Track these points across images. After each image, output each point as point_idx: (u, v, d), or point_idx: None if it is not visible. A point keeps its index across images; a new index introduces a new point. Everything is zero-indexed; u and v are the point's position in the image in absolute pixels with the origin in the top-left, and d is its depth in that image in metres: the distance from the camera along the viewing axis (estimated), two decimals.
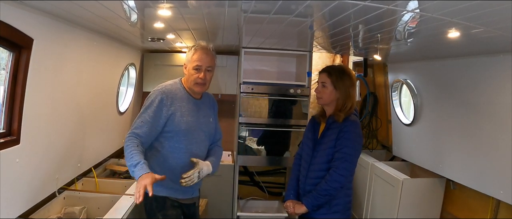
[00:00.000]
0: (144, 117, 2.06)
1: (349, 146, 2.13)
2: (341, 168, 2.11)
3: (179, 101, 2.13)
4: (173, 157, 2.13)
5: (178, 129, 2.11)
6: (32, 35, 1.93)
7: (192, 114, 2.17)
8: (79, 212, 2.54)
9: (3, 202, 1.86)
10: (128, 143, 1.98)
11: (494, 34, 1.80)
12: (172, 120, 2.10)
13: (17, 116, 1.94)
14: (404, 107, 3.92)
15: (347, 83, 2.23)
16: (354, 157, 2.16)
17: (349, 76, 2.25)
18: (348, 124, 2.16)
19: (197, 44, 2.17)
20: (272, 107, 3.59)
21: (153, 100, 2.08)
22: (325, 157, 2.19)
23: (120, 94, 3.62)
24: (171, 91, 2.13)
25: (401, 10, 1.60)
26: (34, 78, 2.00)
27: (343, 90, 2.22)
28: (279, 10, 1.85)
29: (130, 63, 3.79)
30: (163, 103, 2.08)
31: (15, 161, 1.94)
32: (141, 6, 2.00)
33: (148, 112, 2.06)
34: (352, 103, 2.23)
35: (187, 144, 2.14)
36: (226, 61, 4.35)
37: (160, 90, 2.12)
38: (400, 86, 3.89)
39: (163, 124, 2.09)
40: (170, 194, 2.16)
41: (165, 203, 2.15)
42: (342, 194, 2.20)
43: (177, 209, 2.20)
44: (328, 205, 2.19)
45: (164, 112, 2.08)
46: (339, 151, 2.14)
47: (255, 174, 4.35)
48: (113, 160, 3.66)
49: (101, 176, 3.23)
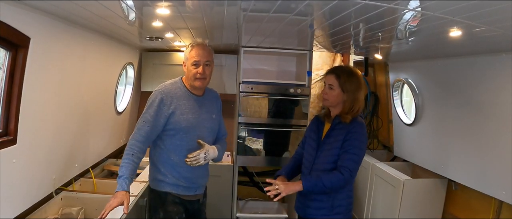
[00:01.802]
0: (146, 116, 2.15)
1: (357, 147, 2.12)
2: (352, 168, 2.10)
3: (179, 99, 2.19)
4: (175, 154, 2.20)
5: (179, 127, 2.17)
6: (29, 34, 1.92)
7: (193, 111, 2.22)
8: (76, 212, 2.53)
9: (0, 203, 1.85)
10: (126, 150, 2.12)
11: (496, 33, 1.79)
12: (172, 118, 2.16)
13: (14, 115, 1.92)
14: (405, 107, 3.91)
15: (354, 86, 2.17)
16: (361, 158, 2.15)
17: (357, 79, 2.19)
18: (355, 125, 2.14)
19: (194, 41, 2.24)
20: (271, 107, 3.57)
21: (153, 100, 2.16)
22: (330, 157, 2.16)
23: (118, 93, 3.60)
24: (171, 90, 2.20)
25: (402, 8, 1.58)
26: (31, 78, 1.98)
27: (351, 93, 2.17)
28: (279, 9, 1.84)
29: (128, 62, 3.77)
30: (163, 103, 2.15)
31: (12, 162, 1.92)
32: (139, 5, 1.99)
33: (149, 112, 2.15)
34: (360, 106, 2.19)
35: (188, 141, 2.20)
36: (225, 60, 4.33)
37: (160, 90, 2.19)
38: (401, 85, 3.87)
39: (164, 122, 2.16)
40: (172, 189, 2.22)
41: (167, 199, 2.20)
42: (345, 196, 2.18)
43: (179, 206, 2.23)
44: (330, 207, 2.16)
45: (164, 111, 2.15)
46: (348, 152, 2.11)
47: (255, 175, 4.33)
48: (111, 160, 3.64)
49: (99, 177, 3.22)
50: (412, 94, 3.50)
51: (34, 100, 2.08)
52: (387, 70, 4.05)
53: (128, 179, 2.03)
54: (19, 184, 2.02)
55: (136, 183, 2.98)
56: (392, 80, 3.92)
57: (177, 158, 2.19)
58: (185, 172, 2.21)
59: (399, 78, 3.72)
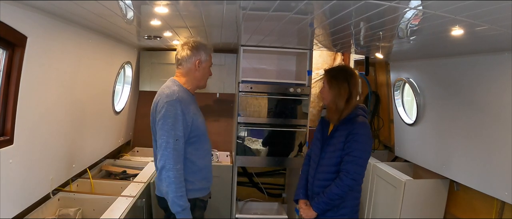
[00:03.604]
0: (177, 134, 2.03)
1: (359, 149, 2.08)
2: (352, 171, 2.07)
3: (190, 104, 2.14)
4: (199, 158, 2.17)
5: (199, 132, 2.16)
6: (26, 33, 1.91)
7: (199, 112, 2.23)
8: (74, 213, 2.52)
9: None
10: (176, 177, 2.00)
11: (498, 32, 1.78)
12: (194, 125, 2.12)
13: (11, 115, 1.91)
14: (406, 106, 3.89)
15: (339, 81, 2.16)
16: (364, 160, 2.11)
17: (344, 74, 2.18)
18: (357, 126, 2.11)
19: (209, 44, 2.26)
20: (271, 106, 3.55)
21: (176, 113, 2.03)
22: (334, 159, 2.15)
23: (116, 93, 3.59)
24: (183, 97, 2.11)
25: (404, 7, 1.57)
26: (27, 77, 1.97)
27: (336, 89, 2.17)
28: (279, 8, 1.84)
29: (126, 61, 3.76)
30: (184, 113, 2.07)
31: (8, 162, 1.90)
32: (137, 3, 1.98)
33: (177, 128, 2.03)
34: (343, 102, 2.15)
35: (206, 142, 2.24)
36: (224, 59, 4.32)
37: (176, 100, 2.06)
38: (402, 85, 3.85)
39: (189, 132, 2.10)
40: (198, 195, 2.20)
41: (196, 204, 2.17)
42: (350, 197, 2.16)
43: (202, 209, 2.26)
44: (335, 208, 2.15)
45: (187, 121, 2.08)
46: (349, 154, 2.09)
47: (254, 175, 4.30)
48: (109, 161, 3.62)
49: (97, 177, 3.20)
50: (414, 93, 3.48)
51: (31, 100, 2.07)
52: (388, 69, 4.03)
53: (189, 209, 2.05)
54: (15, 184, 2.01)
55: (134, 183, 2.96)
56: (393, 79, 3.90)
57: (201, 162, 2.18)
58: (206, 172, 2.23)
59: (400, 78, 3.70)
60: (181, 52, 2.18)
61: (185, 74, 2.19)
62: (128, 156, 4.00)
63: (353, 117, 2.16)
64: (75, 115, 2.70)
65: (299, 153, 3.54)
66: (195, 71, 2.18)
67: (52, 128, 2.36)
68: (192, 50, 2.17)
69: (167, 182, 1.99)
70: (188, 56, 2.17)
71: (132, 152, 4.28)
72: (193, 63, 2.17)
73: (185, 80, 2.19)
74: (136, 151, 4.34)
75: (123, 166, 3.57)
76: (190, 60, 2.17)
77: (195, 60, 2.17)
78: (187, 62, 2.17)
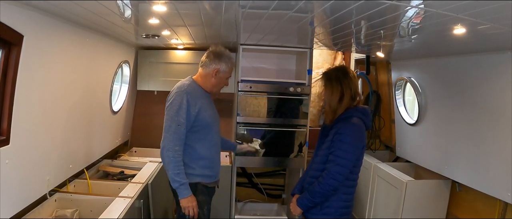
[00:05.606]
0: (179, 120, 2.25)
1: (342, 149, 2.08)
2: (333, 171, 2.07)
3: (200, 98, 2.35)
4: (200, 146, 2.36)
5: (204, 123, 2.35)
6: (22, 32, 1.89)
7: (211, 107, 2.44)
8: (71, 214, 2.51)
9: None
10: (174, 157, 2.23)
11: (501, 31, 1.78)
12: (199, 116, 2.32)
13: (7, 115, 1.90)
14: (408, 106, 3.88)
15: (332, 81, 2.19)
16: (347, 161, 2.08)
17: (337, 74, 2.20)
18: (341, 126, 2.12)
19: (232, 57, 2.45)
20: (271, 106, 3.53)
21: (181, 102, 2.26)
22: (324, 157, 2.17)
23: (113, 92, 3.58)
24: (192, 90, 2.33)
25: (405, 5, 1.57)
26: (24, 76, 1.96)
27: (329, 89, 2.20)
28: (278, 6, 1.83)
29: (124, 60, 3.75)
30: (189, 103, 2.27)
31: (5, 162, 1.89)
32: (135, 2, 1.97)
33: (180, 114, 2.25)
34: (336, 102, 2.16)
35: (211, 134, 2.41)
36: None
37: (184, 91, 2.29)
38: (404, 84, 3.84)
39: (193, 121, 2.30)
40: (201, 180, 2.38)
41: (197, 188, 2.35)
42: (336, 198, 2.15)
43: (206, 195, 2.42)
44: (319, 206, 2.18)
45: (192, 111, 2.28)
46: (332, 153, 2.11)
47: (254, 176, 4.28)
48: (106, 161, 3.60)
49: (94, 178, 3.17)
50: (415, 93, 3.47)
51: (28, 100, 2.06)
52: (389, 68, 4.01)
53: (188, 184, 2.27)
54: (11, 185, 1.99)
55: (132, 184, 2.94)
56: (394, 79, 3.89)
57: (202, 150, 2.36)
58: (209, 162, 2.41)
59: (401, 77, 3.69)
60: (205, 56, 2.39)
61: (203, 76, 2.40)
62: (126, 156, 3.97)
63: (346, 117, 2.15)
64: (72, 115, 2.68)
65: (299, 153, 3.51)
66: (211, 78, 2.38)
67: (49, 128, 2.35)
68: (214, 58, 2.36)
69: (167, 160, 2.23)
70: (209, 62, 2.37)
71: (130, 152, 4.26)
72: (211, 70, 2.37)
73: (201, 81, 2.41)
74: (134, 151, 4.32)
75: (121, 166, 3.55)
76: (210, 66, 2.37)
77: (214, 68, 2.36)
78: (207, 67, 2.38)
